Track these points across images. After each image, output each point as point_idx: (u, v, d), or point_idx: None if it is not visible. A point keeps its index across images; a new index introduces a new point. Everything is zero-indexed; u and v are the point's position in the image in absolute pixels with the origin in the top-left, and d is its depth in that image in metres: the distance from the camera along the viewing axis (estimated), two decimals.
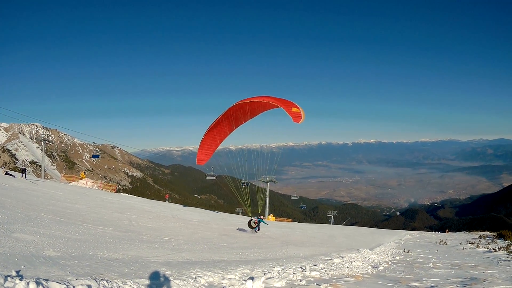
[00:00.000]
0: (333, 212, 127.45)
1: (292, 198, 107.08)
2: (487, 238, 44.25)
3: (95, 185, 72.82)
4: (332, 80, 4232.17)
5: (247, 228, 37.98)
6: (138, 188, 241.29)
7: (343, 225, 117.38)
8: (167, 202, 75.90)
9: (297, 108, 32.46)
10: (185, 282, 9.46)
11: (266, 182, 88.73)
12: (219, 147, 44.38)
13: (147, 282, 8.65)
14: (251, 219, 37.30)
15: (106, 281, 7.76)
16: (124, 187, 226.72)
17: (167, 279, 9.31)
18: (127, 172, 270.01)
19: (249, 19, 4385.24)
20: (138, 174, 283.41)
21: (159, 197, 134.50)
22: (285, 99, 33.58)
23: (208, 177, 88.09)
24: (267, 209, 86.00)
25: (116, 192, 74.70)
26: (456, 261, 22.96)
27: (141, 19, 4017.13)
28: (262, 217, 40.80)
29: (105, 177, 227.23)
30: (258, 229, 37.66)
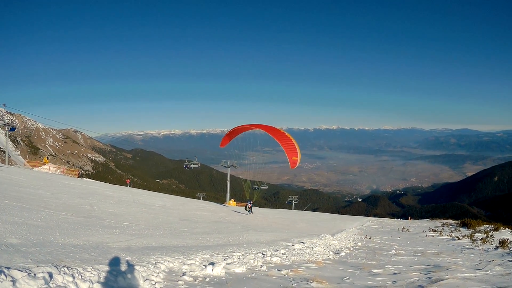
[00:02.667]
0: (294, 197, 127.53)
1: (262, 188, 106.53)
2: (450, 226, 44.84)
3: (58, 170, 72.46)
4: (293, 64, 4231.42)
5: (243, 211, 51.28)
6: (100, 173, 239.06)
7: (305, 210, 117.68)
8: (128, 187, 75.65)
9: (297, 157, 39.59)
10: (145, 268, 9.53)
11: (227, 167, 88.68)
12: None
13: (107, 268, 8.65)
14: (246, 204, 49.33)
15: (67, 268, 7.79)
16: (87, 172, 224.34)
17: (127, 265, 9.33)
18: (90, 157, 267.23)
19: None
20: (100, 158, 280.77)
21: (121, 182, 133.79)
22: (294, 143, 40.50)
23: (192, 166, 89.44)
24: (228, 194, 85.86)
25: (79, 177, 74.21)
26: (419, 249, 23.30)
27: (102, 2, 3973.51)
28: (252, 202, 50.50)
29: (68, 162, 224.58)
30: (252, 212, 49.54)
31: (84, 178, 73.40)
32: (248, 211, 49.10)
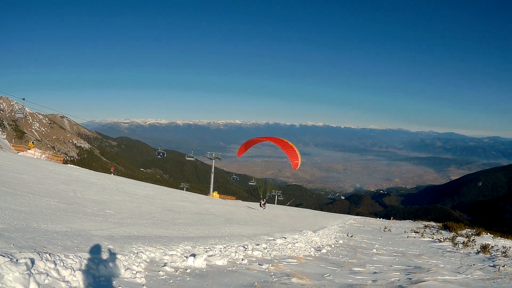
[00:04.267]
0: (277, 192, 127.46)
1: (251, 183, 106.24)
2: (432, 229, 45.25)
3: (43, 156, 72.30)
4: (282, 60, 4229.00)
5: (258, 207, 56.09)
6: (85, 160, 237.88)
7: (287, 205, 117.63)
8: (112, 174, 75.48)
9: (298, 161, 44.83)
10: (126, 257, 9.54)
11: (211, 159, 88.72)
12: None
13: (89, 256, 8.64)
14: (260, 201, 54.31)
15: (49, 254, 7.77)
16: (72, 158, 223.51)
17: (109, 254, 9.35)
18: (75, 143, 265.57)
19: None
20: (86, 145, 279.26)
21: (106, 170, 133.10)
22: (295, 150, 45.95)
23: (187, 158, 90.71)
24: (211, 186, 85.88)
25: (64, 163, 74.03)
26: (400, 249, 23.52)
27: None
28: (265, 199, 55.36)
29: (53, 147, 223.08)
30: (265, 208, 54.91)
31: (69, 164, 73.18)
32: (263, 208, 54.57)
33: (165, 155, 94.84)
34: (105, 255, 9.07)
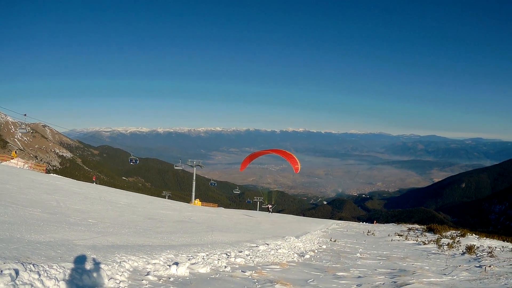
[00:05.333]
0: (259, 198, 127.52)
1: (235, 192, 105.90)
2: (416, 231, 45.25)
3: (26, 165, 72.08)
4: (262, 66, 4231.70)
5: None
6: (68, 169, 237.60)
7: (270, 212, 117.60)
8: (94, 183, 75.35)
9: (298, 165, 48.82)
10: (110, 266, 9.52)
11: (193, 167, 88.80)
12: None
13: (72, 266, 8.63)
14: (268, 206, 63.23)
15: (33, 265, 7.80)
16: (54, 168, 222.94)
17: (92, 264, 9.32)
18: (57, 152, 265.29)
19: None
20: (68, 154, 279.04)
21: (88, 179, 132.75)
22: (295, 157, 49.44)
23: (176, 167, 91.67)
24: (193, 193, 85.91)
25: (46, 172, 73.83)
26: (384, 253, 23.50)
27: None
28: (271, 205, 64.71)
29: (36, 157, 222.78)
30: (271, 212, 64.30)
31: (52, 174, 72.99)
32: (271, 212, 64.69)
33: (137, 161, 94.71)
34: (88, 265, 9.07)
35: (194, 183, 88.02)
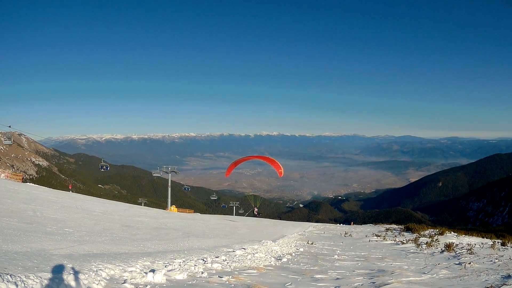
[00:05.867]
0: (235, 203, 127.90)
1: (212, 198, 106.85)
2: (394, 231, 45.60)
3: (3, 175, 71.90)
4: (232, 67, 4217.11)
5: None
6: (44, 178, 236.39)
7: (246, 216, 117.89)
8: (70, 192, 75.12)
9: (281, 169, 51.10)
10: (86, 275, 9.49)
11: (168, 173, 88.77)
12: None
13: (49, 276, 8.64)
14: (254, 209, 63.17)
15: (10, 275, 7.79)
16: (31, 177, 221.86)
17: (69, 273, 9.25)
18: (34, 161, 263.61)
19: None
20: (44, 163, 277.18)
21: (65, 187, 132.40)
22: (277, 162, 51.67)
23: (154, 175, 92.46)
24: (169, 200, 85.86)
25: (23, 181, 73.55)
26: (362, 253, 23.56)
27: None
28: (257, 207, 64.00)
29: (12, 166, 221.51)
30: (258, 214, 66.86)
31: (28, 183, 72.72)
32: (258, 214, 66.76)
33: (108, 168, 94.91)
34: (65, 275, 9.05)
35: (169, 189, 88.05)
